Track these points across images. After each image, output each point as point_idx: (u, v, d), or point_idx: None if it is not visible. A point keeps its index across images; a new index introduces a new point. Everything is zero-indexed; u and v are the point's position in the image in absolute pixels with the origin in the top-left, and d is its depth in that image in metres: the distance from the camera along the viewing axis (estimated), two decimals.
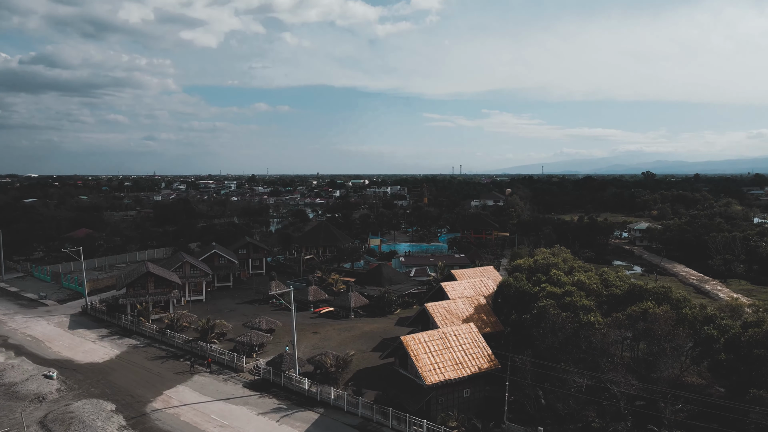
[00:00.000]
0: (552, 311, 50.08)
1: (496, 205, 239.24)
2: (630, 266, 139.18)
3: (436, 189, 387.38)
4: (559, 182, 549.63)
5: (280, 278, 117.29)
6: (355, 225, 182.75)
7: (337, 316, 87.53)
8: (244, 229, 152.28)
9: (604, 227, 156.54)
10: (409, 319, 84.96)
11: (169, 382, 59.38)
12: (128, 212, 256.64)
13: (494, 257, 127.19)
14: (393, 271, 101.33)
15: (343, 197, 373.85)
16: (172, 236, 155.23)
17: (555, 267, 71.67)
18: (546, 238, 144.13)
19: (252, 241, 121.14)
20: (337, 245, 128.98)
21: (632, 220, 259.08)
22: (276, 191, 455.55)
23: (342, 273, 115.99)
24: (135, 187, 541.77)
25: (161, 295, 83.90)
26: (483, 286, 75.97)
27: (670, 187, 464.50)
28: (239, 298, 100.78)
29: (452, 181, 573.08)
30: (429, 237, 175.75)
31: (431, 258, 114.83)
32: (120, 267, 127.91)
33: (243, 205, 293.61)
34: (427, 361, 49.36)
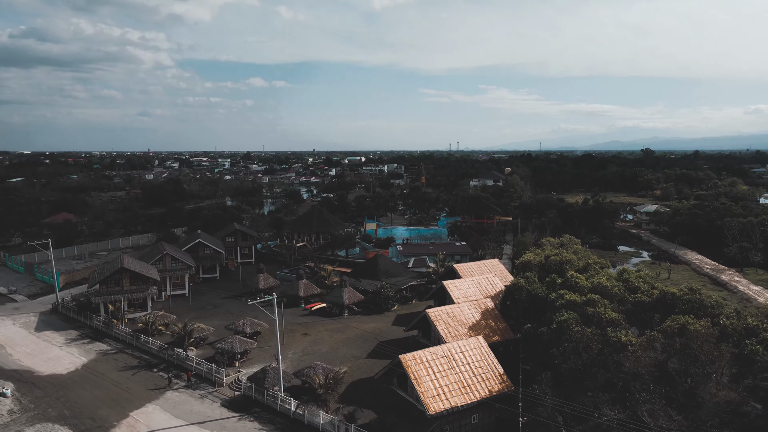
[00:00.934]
0: (575, 327, 43.24)
1: (496, 185, 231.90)
2: (638, 252, 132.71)
3: (434, 167, 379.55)
4: (558, 159, 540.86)
5: (270, 267, 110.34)
6: (351, 207, 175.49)
7: (329, 314, 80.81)
8: (234, 214, 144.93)
9: (610, 210, 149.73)
10: (407, 318, 78.41)
11: (137, 401, 52.62)
12: (117, 193, 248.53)
13: (497, 244, 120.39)
14: (390, 263, 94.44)
15: (339, 176, 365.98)
16: (158, 221, 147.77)
17: (569, 264, 64.84)
18: (550, 223, 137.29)
19: (240, 228, 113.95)
20: (330, 231, 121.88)
21: (635, 200, 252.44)
22: (271, 169, 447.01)
23: (336, 263, 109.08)
24: (127, 164, 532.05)
25: (137, 292, 76.90)
26: (489, 285, 69.18)
27: (670, 165, 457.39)
28: (225, 292, 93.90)
29: (449, 159, 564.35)
30: (427, 220, 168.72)
31: (431, 247, 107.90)
32: (101, 255, 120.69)
33: (236, 185, 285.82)
34: (429, 384, 42.64)
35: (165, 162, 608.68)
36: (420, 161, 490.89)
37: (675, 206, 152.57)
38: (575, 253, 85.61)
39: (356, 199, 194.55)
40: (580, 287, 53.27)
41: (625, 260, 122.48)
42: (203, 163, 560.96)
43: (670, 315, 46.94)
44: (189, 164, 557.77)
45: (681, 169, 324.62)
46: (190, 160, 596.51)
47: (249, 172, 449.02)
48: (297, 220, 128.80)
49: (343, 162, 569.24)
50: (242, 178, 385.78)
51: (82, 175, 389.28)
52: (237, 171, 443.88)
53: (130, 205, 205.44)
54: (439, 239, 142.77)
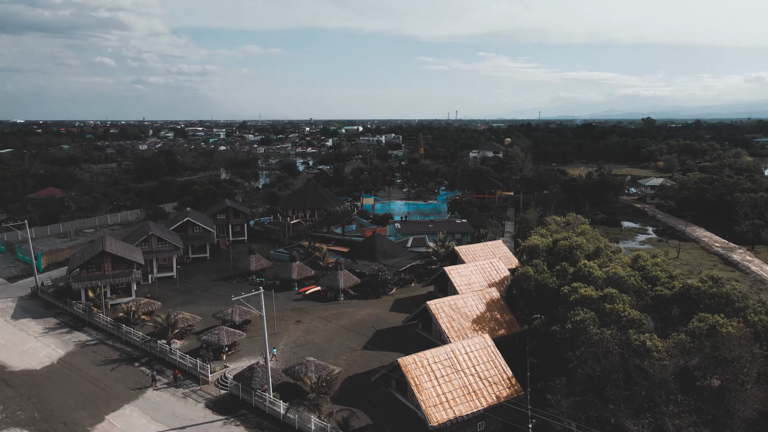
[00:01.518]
0: (592, 328, 39.06)
1: (496, 157, 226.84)
2: (644, 228, 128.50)
3: (432, 137, 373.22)
4: (558, 129, 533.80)
5: (263, 246, 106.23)
6: (347, 181, 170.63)
7: (324, 298, 76.77)
8: (226, 188, 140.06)
9: (614, 185, 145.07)
10: (405, 302, 74.53)
11: (115, 401, 48.69)
12: (108, 165, 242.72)
13: (498, 221, 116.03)
14: (387, 243, 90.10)
15: (336, 147, 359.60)
16: (147, 196, 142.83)
17: (579, 250, 60.50)
18: (554, 198, 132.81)
19: (232, 205, 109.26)
20: (326, 208, 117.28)
21: (638, 172, 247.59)
22: (267, 140, 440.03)
23: (331, 241, 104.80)
24: (121, 134, 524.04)
25: (120, 277, 72.58)
26: (493, 270, 64.95)
27: (671, 134, 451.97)
28: (215, 273, 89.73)
29: (448, 128, 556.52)
30: (426, 194, 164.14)
31: (430, 225, 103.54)
32: (87, 233, 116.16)
33: (231, 156, 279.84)
34: (431, 391, 38.64)
35: (159, 132, 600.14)
36: (418, 131, 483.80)
37: (682, 180, 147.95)
38: (583, 233, 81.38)
39: (353, 172, 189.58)
40: (594, 278, 48.99)
41: (630, 237, 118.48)
42: (198, 132, 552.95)
43: (694, 311, 42.83)
44: (184, 134, 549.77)
45: (684, 140, 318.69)
46: (185, 130, 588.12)
47: (244, 142, 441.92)
48: (291, 196, 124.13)
49: (341, 132, 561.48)
50: (237, 149, 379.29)
51: (74, 145, 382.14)
52: (232, 141, 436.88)
53: (120, 178, 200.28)
54: (438, 214, 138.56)
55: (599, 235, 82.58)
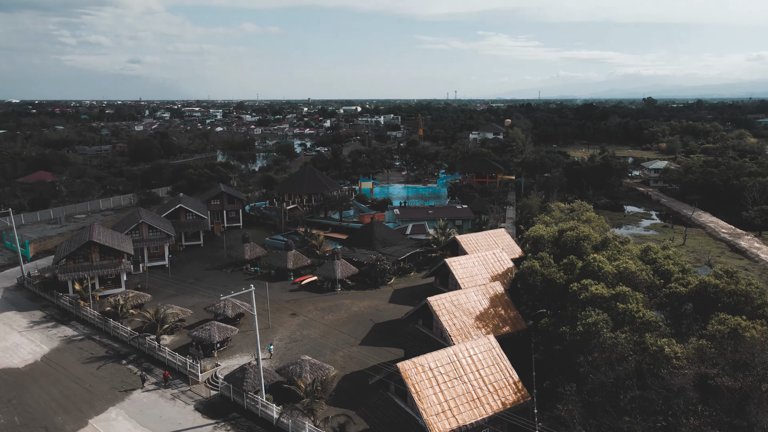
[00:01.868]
0: (606, 332, 36.52)
1: (497, 138, 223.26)
2: (648, 213, 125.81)
3: (432, 118, 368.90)
4: (558, 109, 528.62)
5: (259, 232, 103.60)
6: (345, 164, 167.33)
7: (320, 289, 74.29)
8: (221, 172, 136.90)
9: (618, 168, 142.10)
10: (405, 293, 72.16)
11: (100, 403, 46.33)
12: (102, 147, 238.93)
13: (500, 206, 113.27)
14: (386, 230, 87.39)
15: (334, 128, 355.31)
16: (141, 180, 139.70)
17: (587, 241, 57.83)
18: (556, 182, 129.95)
19: (226, 190, 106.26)
20: (323, 192, 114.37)
21: (640, 154, 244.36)
22: (264, 120, 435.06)
23: (328, 228, 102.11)
24: (116, 115, 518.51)
25: (109, 267, 69.91)
26: (496, 262, 62.36)
27: (672, 114, 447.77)
28: (209, 262, 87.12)
29: (447, 109, 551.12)
30: (426, 177, 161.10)
31: (430, 211, 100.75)
32: (79, 219, 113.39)
33: (227, 138, 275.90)
34: (433, 399, 36.22)
35: (156, 112, 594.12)
36: (417, 112, 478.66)
37: (686, 163, 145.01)
38: (588, 221, 78.81)
39: (351, 155, 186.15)
40: (604, 273, 46.37)
41: (634, 222, 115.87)
42: (195, 113, 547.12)
43: (712, 311, 40.36)
44: (180, 115, 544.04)
45: (687, 120, 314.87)
46: (181, 111, 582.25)
47: (241, 123, 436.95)
48: (287, 181, 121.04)
49: (339, 112, 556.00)
50: (234, 130, 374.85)
51: (68, 126, 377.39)
52: (229, 122, 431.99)
53: (114, 160, 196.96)
54: (437, 199, 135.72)
55: (605, 223, 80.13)
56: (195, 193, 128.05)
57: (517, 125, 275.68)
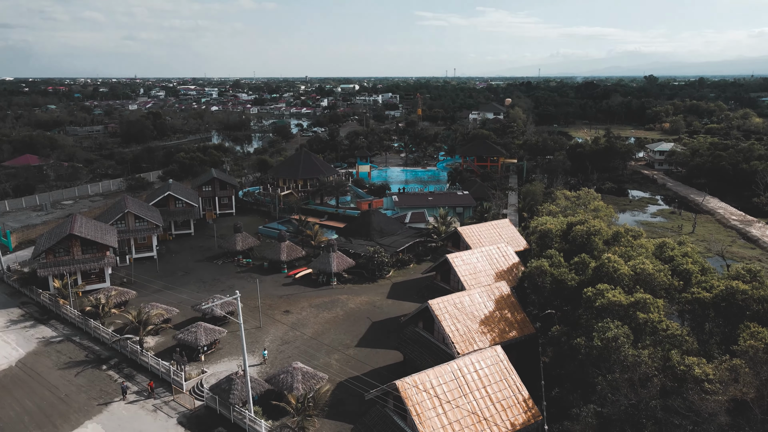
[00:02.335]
0: (627, 348, 33.00)
1: (497, 119, 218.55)
2: (653, 198, 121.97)
3: (431, 97, 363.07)
4: (559, 88, 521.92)
5: (252, 220, 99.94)
6: (342, 146, 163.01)
7: (315, 283, 70.79)
8: (214, 156, 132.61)
9: (623, 151, 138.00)
10: (404, 287, 68.72)
11: (75, 416, 42.98)
12: (94, 128, 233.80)
13: (502, 192, 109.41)
14: (384, 219, 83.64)
15: (331, 107, 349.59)
16: (131, 164, 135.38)
17: (598, 235, 54.18)
18: (559, 165, 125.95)
19: (218, 176, 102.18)
20: (318, 178, 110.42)
21: (643, 134, 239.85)
22: (260, 99, 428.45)
23: (324, 215, 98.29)
24: (110, 93, 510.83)
25: (91, 262, 66.24)
26: (501, 257, 58.75)
27: (674, 93, 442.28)
28: (200, 252, 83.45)
29: (446, 87, 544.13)
30: (425, 160, 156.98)
31: (429, 197, 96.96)
32: (66, 205, 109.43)
33: (222, 118, 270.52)
34: (436, 421, 32.85)
35: (150, 90, 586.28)
36: (416, 91, 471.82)
37: (693, 145, 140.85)
38: (596, 210, 75.15)
39: (348, 136, 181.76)
40: (620, 276, 42.80)
41: (640, 208, 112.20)
42: (190, 92, 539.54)
43: (740, 320, 36.85)
44: (175, 93, 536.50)
45: (690, 99, 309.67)
46: (176, 89, 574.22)
47: (237, 102, 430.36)
48: (282, 165, 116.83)
49: (336, 91, 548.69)
50: (230, 110, 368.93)
51: (61, 105, 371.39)
52: (225, 101, 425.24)
53: (105, 142, 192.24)
54: (437, 182, 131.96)
55: (613, 212, 76.47)
56: (187, 178, 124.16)
57: (517, 105, 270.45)
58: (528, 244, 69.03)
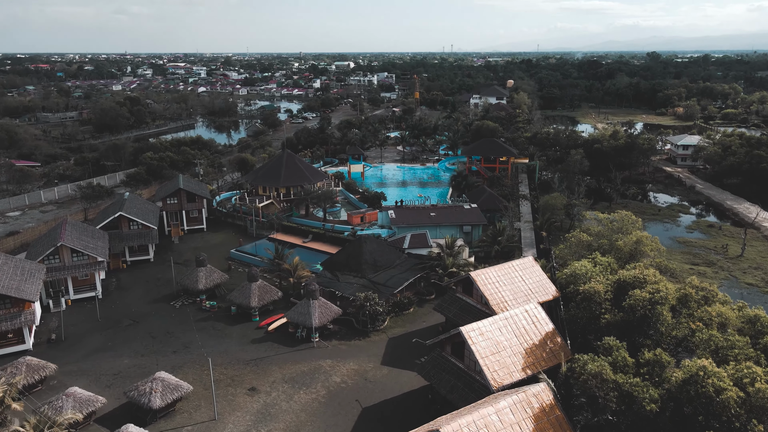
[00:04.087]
0: None
1: (501, 104, 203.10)
2: (684, 206, 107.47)
3: (428, 77, 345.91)
4: (560, 65, 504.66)
5: (225, 238, 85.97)
6: (333, 139, 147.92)
7: (293, 338, 56.84)
8: (188, 154, 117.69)
9: (646, 147, 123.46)
10: (403, 344, 54.94)
11: None
12: (68, 114, 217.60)
13: (514, 201, 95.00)
14: (377, 248, 69.28)
15: (324, 89, 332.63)
16: (92, 164, 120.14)
17: (663, 304, 40.29)
18: (576, 166, 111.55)
19: (186, 187, 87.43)
20: (303, 185, 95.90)
21: (655, 120, 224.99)
22: (250, 79, 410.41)
23: (308, 235, 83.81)
24: (95, 72, 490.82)
25: (5, 320, 51.96)
26: (530, 324, 44.72)
27: (679, 71, 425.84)
28: (156, 289, 69.11)
29: (444, 65, 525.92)
30: (424, 155, 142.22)
31: (432, 213, 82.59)
32: (10, 218, 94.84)
33: (207, 102, 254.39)
34: None
35: (139, 68, 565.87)
36: (412, 69, 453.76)
37: (723, 141, 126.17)
38: (640, 245, 60.92)
39: (341, 126, 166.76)
40: (723, 402, 28.98)
41: (672, 219, 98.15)
42: (178, 70, 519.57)
43: None
44: (163, 71, 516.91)
45: (704, 82, 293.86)
46: (164, 67, 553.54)
47: (227, 82, 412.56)
48: (261, 170, 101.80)
49: (330, 69, 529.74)
50: (218, 90, 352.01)
51: (40, 86, 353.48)
52: (213, 81, 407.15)
53: (75, 132, 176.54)
54: (438, 184, 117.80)
55: (659, 245, 62.26)
56: (157, 181, 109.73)
57: (521, 88, 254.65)
58: (558, 290, 55.22)
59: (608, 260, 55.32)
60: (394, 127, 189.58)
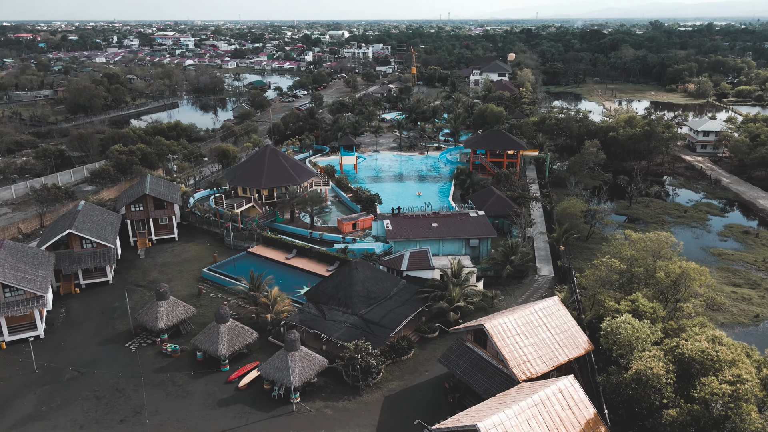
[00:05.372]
0: None
1: (503, 83, 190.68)
2: (711, 204, 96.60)
3: (425, 50, 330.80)
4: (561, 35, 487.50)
5: (199, 250, 75.70)
6: (324, 125, 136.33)
7: (268, 400, 46.84)
8: (161, 146, 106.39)
9: (666, 137, 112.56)
10: (402, 403, 45.12)
11: None
12: (42, 92, 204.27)
13: (525, 205, 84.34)
14: (371, 276, 58.82)
15: (316, 63, 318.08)
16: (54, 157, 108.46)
17: (747, 398, 30.30)
18: (591, 158, 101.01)
19: (152, 192, 76.40)
20: (288, 187, 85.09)
21: (666, 98, 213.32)
22: (240, 51, 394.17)
23: (292, 250, 73.27)
24: (79, 43, 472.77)
25: None
26: (569, 414, 34.79)
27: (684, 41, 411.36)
28: (111, 324, 58.74)
29: (441, 36, 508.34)
30: (423, 142, 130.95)
31: (434, 224, 72.06)
32: None
33: (192, 78, 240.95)
34: None
35: (125, 38, 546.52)
36: (408, 39, 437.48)
37: (751, 130, 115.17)
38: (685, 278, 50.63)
39: (333, 108, 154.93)
40: None
41: (700, 222, 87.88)
42: (166, 41, 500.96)
43: None
44: (150, 42, 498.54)
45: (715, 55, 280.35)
46: (152, 37, 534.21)
47: (215, 54, 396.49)
48: (242, 168, 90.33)
49: (324, 39, 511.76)
50: (205, 64, 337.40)
51: (19, 59, 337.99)
52: (201, 53, 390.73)
53: (46, 114, 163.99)
54: (439, 179, 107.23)
55: (709, 277, 51.89)
56: (126, 178, 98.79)
57: (523, 63, 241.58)
58: (591, 342, 45.32)
59: (654, 307, 45.27)
60: (390, 107, 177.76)
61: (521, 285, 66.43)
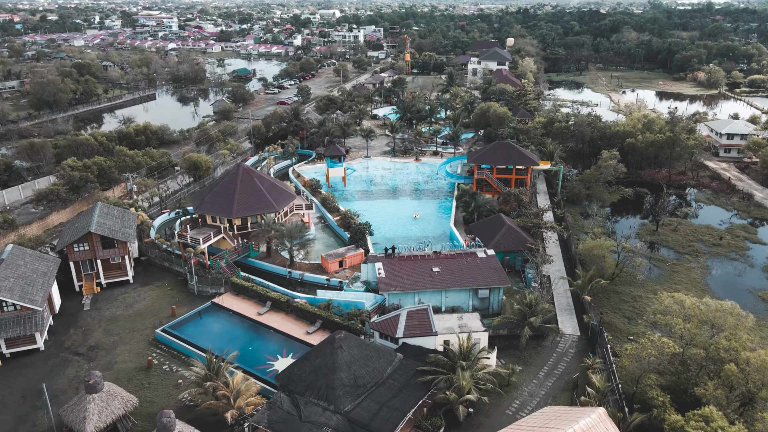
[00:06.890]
0: None
1: (503, 72, 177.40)
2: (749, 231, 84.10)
3: (419, 34, 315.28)
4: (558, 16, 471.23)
5: (156, 297, 63.65)
6: (310, 126, 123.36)
7: None
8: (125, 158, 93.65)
9: (691, 144, 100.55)
10: None
11: None
12: (7, 84, 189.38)
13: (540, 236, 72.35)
14: (359, 353, 47.04)
15: (304, 48, 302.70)
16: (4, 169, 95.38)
17: None
18: (611, 172, 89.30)
19: (99, 229, 63.94)
20: (264, 215, 72.80)
21: (673, 87, 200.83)
22: (226, 34, 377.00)
23: (265, 302, 61.22)
24: (58, 24, 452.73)
25: None
26: None
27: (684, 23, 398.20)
28: (33, 415, 46.92)
29: (434, 17, 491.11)
30: (418, 147, 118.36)
31: (434, 269, 60.25)
32: None
33: (173, 66, 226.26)
34: None
35: (107, 18, 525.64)
36: (401, 20, 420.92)
37: None
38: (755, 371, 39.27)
39: (319, 104, 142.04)
40: None
41: (740, 254, 76.21)
42: (150, 21, 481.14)
43: None
44: (133, 23, 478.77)
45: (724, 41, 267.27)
46: (134, 18, 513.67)
47: (200, 36, 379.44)
48: (210, 192, 77.33)
49: (314, 20, 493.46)
50: (189, 47, 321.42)
51: None
52: (185, 37, 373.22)
53: (6, 111, 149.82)
54: (437, 194, 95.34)
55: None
56: (81, 199, 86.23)
57: (523, 50, 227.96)
58: None
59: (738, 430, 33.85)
60: (382, 101, 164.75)
61: (541, 349, 54.99)
